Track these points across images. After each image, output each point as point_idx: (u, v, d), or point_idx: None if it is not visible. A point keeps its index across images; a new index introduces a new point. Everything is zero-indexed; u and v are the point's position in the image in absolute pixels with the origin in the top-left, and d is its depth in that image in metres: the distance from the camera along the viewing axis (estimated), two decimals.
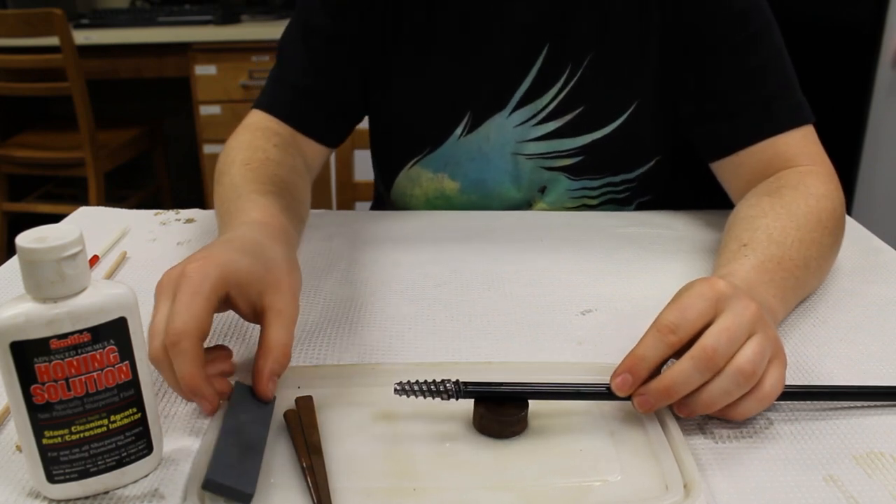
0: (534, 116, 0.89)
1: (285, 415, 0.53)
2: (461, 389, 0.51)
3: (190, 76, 2.50)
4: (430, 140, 0.92)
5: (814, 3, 2.16)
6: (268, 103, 0.89)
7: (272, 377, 0.53)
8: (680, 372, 0.50)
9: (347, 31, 0.88)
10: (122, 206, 0.97)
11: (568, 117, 0.88)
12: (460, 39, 0.88)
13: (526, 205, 0.95)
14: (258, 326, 0.56)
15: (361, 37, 0.88)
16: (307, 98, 0.89)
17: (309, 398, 0.54)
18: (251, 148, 0.80)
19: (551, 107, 0.88)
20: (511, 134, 0.90)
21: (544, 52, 0.86)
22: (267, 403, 0.53)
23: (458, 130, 0.91)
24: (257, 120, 0.88)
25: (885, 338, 0.65)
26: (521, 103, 0.89)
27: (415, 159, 0.94)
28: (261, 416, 0.52)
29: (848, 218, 0.80)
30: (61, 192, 2.79)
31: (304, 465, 0.48)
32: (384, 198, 1.02)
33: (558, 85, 0.87)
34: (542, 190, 0.93)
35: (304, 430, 0.51)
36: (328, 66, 0.89)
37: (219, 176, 0.77)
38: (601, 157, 0.90)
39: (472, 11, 0.87)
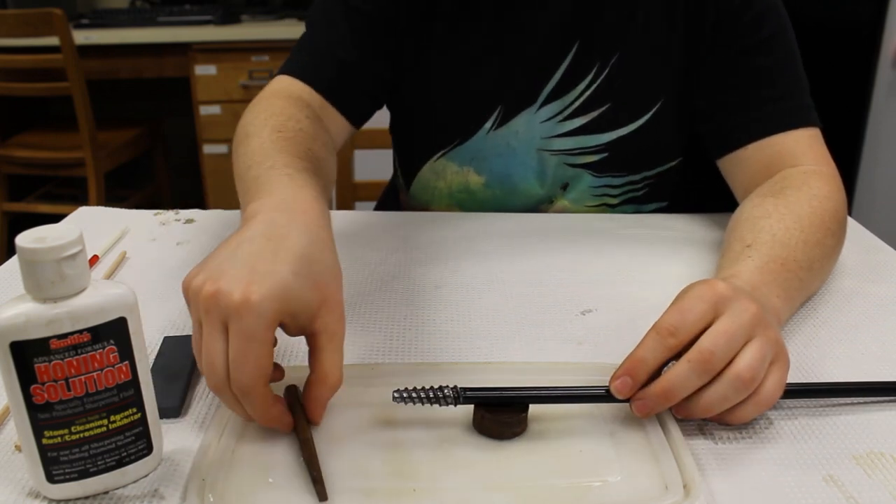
0: (560, 112, 0.89)
1: (288, 389, 0.54)
2: (459, 395, 0.51)
3: (190, 76, 2.50)
4: (460, 132, 0.92)
5: (814, 4, 2.16)
6: (302, 71, 0.84)
7: (326, 404, 0.52)
8: (677, 375, 0.50)
9: (386, 13, 0.86)
10: (122, 206, 0.97)
11: (594, 114, 0.88)
12: (496, 32, 0.87)
13: (547, 201, 0.94)
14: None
15: (397, 22, 0.87)
16: (346, 71, 0.86)
17: (294, 387, 0.54)
18: (284, 115, 0.74)
19: (578, 103, 0.88)
20: (538, 129, 0.90)
21: (574, 48, 0.86)
22: (187, 353, 0.58)
23: (489, 124, 0.91)
24: (286, 86, 0.83)
25: (886, 338, 0.65)
26: (549, 99, 0.89)
27: (442, 151, 0.94)
28: (183, 356, 0.59)
29: (848, 218, 0.80)
30: (61, 192, 2.78)
31: (302, 437, 0.50)
32: (400, 192, 1.02)
33: (585, 82, 0.88)
34: (565, 187, 0.93)
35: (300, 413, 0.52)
36: (368, 43, 0.86)
37: (244, 137, 0.71)
38: (625, 154, 0.90)
39: (508, 4, 0.87)
